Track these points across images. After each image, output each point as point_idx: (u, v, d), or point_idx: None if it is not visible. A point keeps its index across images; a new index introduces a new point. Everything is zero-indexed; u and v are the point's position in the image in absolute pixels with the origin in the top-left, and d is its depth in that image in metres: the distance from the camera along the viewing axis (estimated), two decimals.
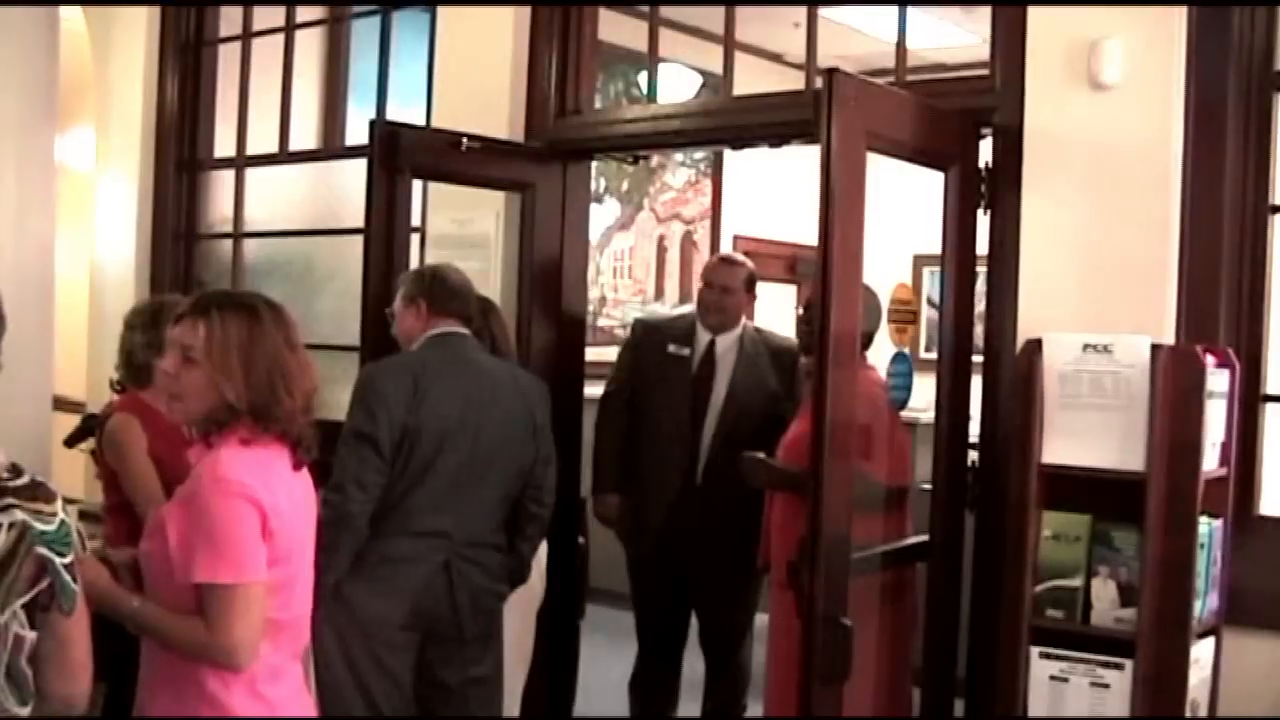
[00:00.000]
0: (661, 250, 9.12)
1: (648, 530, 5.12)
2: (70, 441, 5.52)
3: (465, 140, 4.85)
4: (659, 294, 9.06)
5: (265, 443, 2.71)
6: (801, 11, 7.48)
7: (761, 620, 5.69)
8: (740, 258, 5.39)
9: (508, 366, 4.30)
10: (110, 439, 4.10)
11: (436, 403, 3.91)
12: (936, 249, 7.51)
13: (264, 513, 2.63)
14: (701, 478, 5.03)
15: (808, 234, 10.33)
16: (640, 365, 5.22)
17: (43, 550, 2.28)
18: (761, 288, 9.83)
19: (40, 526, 2.28)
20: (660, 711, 5.29)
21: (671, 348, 5.14)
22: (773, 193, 9.67)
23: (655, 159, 8.53)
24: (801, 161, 8.78)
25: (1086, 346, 3.54)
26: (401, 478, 3.87)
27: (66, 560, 2.32)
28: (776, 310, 9.90)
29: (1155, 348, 3.50)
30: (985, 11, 7.13)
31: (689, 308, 5.49)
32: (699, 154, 8.82)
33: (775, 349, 5.23)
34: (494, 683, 4.18)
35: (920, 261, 9.02)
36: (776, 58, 8.70)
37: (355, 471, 3.76)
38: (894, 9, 4.62)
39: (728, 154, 8.58)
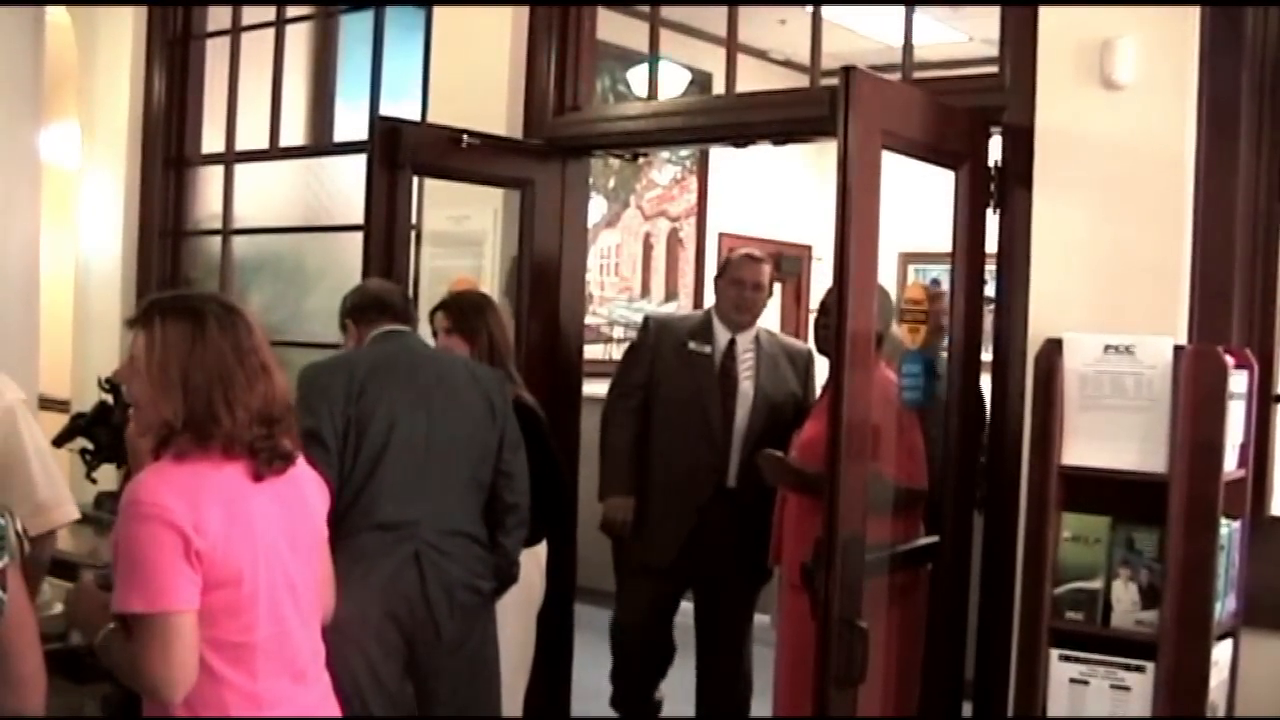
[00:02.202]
0: (648, 247, 9.09)
1: (671, 536, 4.97)
2: (59, 441, 5.47)
3: (466, 137, 4.82)
4: (645, 291, 9.02)
5: (206, 456, 2.52)
6: (785, 9, 7.61)
7: (761, 621, 5.67)
8: (761, 253, 5.35)
9: (458, 357, 4.30)
10: (129, 446, 4.03)
11: (380, 390, 3.87)
12: (922, 247, 7.54)
13: (184, 534, 2.41)
14: (735, 479, 4.94)
15: (792, 232, 10.43)
16: (658, 363, 5.08)
17: None
18: None
19: None
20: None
21: (692, 345, 5.04)
22: (758, 190, 9.66)
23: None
24: (786, 160, 8.88)
25: (1108, 347, 3.52)
26: (354, 471, 3.81)
27: None
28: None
29: (1177, 349, 3.48)
30: (973, 10, 7.24)
31: (674, 306, 5.35)
32: (684, 151, 8.78)
33: (790, 350, 5.22)
34: (483, 689, 4.10)
35: (906, 259, 9.03)
36: (762, 54, 8.70)
37: None
38: (888, 10, 4.58)
39: (714, 151, 8.55)
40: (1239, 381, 3.53)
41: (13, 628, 2.23)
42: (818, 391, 4.96)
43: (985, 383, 4.24)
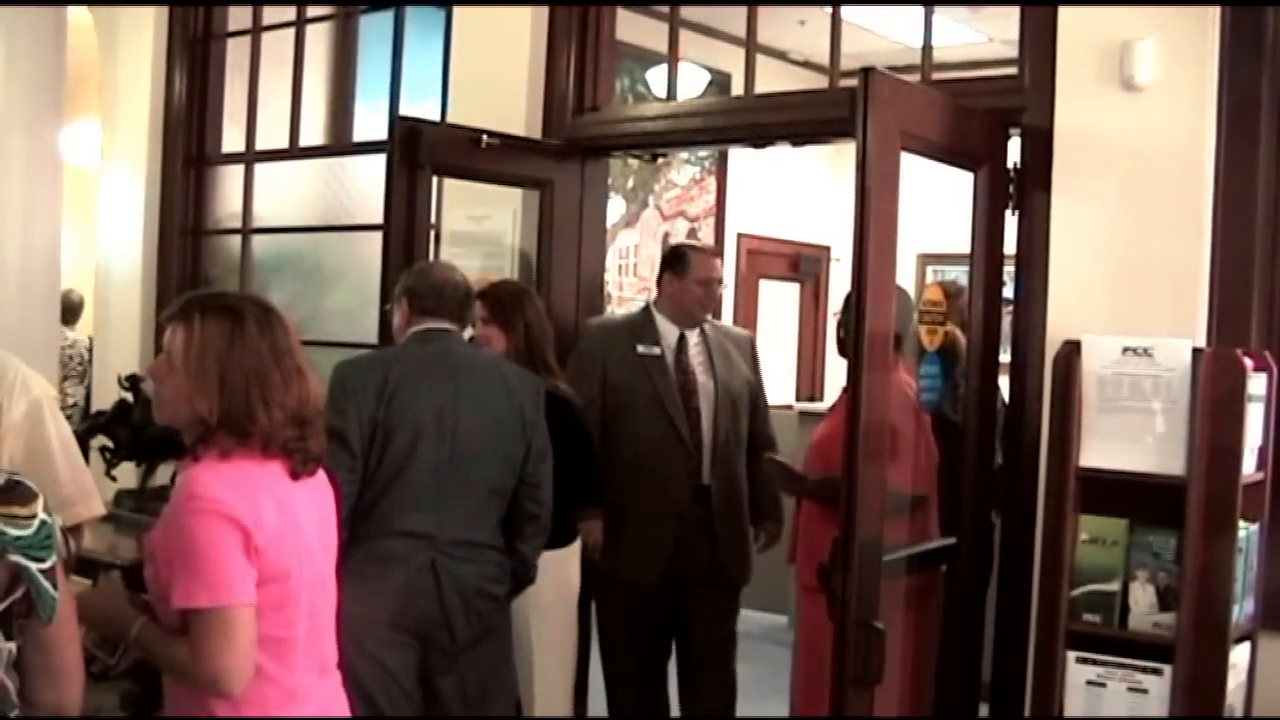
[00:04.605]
0: (666, 248, 9.08)
1: (657, 549, 4.77)
2: (80, 439, 5.48)
3: (485, 137, 4.84)
4: None
5: (248, 454, 2.56)
6: (805, 10, 7.61)
7: (778, 621, 5.68)
8: (706, 245, 5.32)
9: (494, 361, 4.26)
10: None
11: (410, 397, 3.86)
12: (941, 248, 7.53)
13: (245, 530, 2.47)
14: (710, 477, 4.81)
15: (811, 232, 10.43)
16: (610, 372, 4.87)
17: (16, 558, 2.16)
18: (765, 285, 9.90)
19: (14, 532, 2.17)
20: None
21: (641, 348, 4.87)
22: (776, 191, 9.66)
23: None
24: (805, 161, 8.88)
25: (1126, 349, 3.51)
26: (377, 475, 3.82)
27: (46, 565, 2.20)
28: (780, 308, 9.93)
29: (1196, 351, 3.47)
30: (992, 11, 7.23)
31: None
32: (703, 151, 8.79)
33: (734, 337, 5.14)
34: (496, 695, 4.10)
35: (925, 260, 9.02)
36: (781, 55, 8.69)
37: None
38: (907, 10, 4.57)
39: (733, 152, 8.55)
40: (1258, 384, 3.51)
41: (57, 624, 2.25)
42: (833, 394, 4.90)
43: (1004, 384, 4.25)
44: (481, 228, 5.38)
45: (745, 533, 4.94)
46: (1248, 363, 3.44)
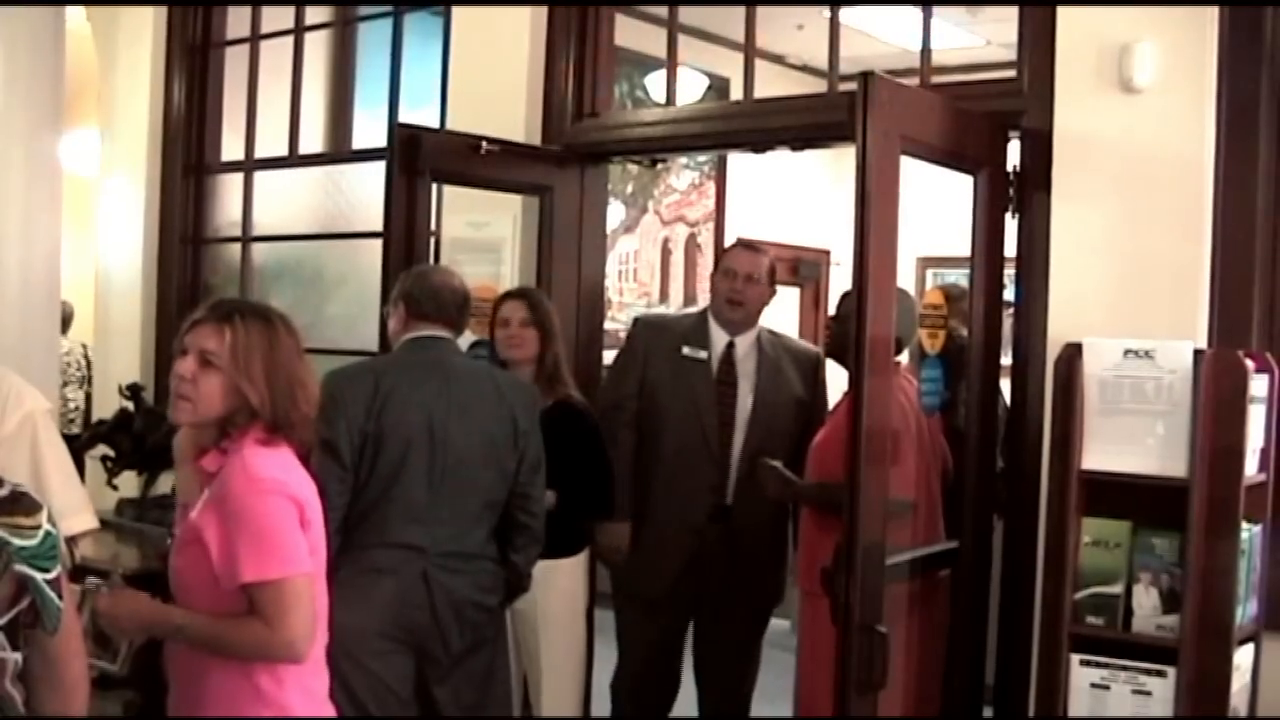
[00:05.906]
0: (666, 253, 9.08)
1: (668, 562, 4.65)
2: (81, 448, 5.50)
3: (485, 143, 4.83)
4: (664, 297, 9.02)
5: (279, 445, 2.74)
6: (803, 14, 7.61)
7: (781, 625, 5.64)
8: (761, 243, 5.09)
9: (487, 369, 4.24)
10: (176, 449, 4.06)
11: (401, 408, 3.82)
12: (942, 251, 7.52)
13: (301, 506, 2.69)
14: (733, 496, 4.64)
15: (810, 236, 10.40)
16: (649, 371, 4.73)
17: (22, 568, 2.19)
18: None
19: (19, 542, 2.19)
20: None
21: (686, 350, 4.69)
22: (775, 195, 9.65)
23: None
24: (804, 165, 8.87)
25: (1128, 352, 3.51)
26: (368, 486, 3.79)
27: (50, 575, 2.23)
28: (779, 312, 9.91)
29: (1197, 353, 3.47)
30: (991, 13, 7.23)
31: (692, 312, 4.96)
32: (703, 156, 8.79)
33: (795, 353, 4.88)
34: (492, 703, 4.08)
35: (925, 264, 9.02)
36: (779, 59, 8.69)
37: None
38: (905, 14, 4.57)
39: (732, 156, 8.55)
40: (1259, 385, 3.52)
41: (62, 635, 2.28)
42: (832, 396, 4.76)
43: (1005, 387, 4.25)
44: (481, 234, 5.36)
45: (774, 559, 4.76)
46: (1249, 364, 3.45)
